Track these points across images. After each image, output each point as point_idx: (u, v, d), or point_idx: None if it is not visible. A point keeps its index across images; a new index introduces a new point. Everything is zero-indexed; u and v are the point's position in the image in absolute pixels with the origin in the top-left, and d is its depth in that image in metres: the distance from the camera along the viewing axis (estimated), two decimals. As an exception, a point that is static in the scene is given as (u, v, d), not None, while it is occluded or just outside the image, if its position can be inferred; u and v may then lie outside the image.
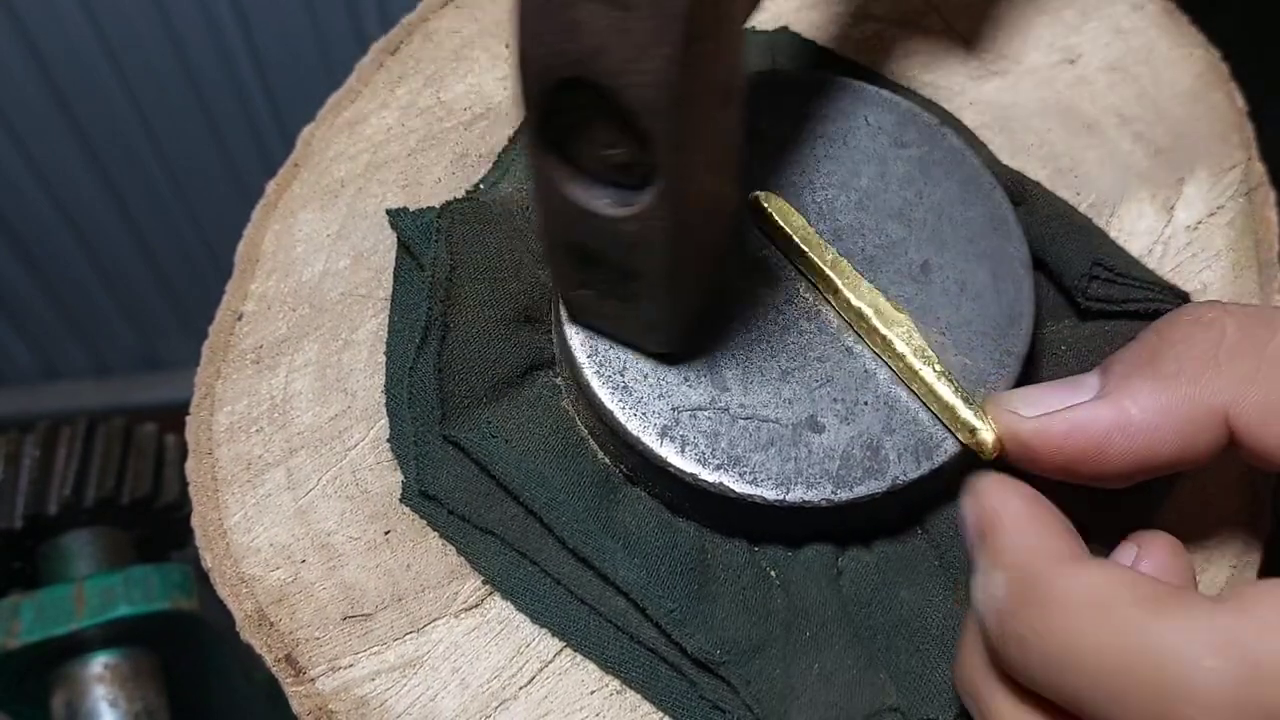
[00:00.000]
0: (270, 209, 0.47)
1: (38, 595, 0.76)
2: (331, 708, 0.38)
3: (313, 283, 0.45)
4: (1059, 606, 0.29)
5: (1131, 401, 0.34)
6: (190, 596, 0.77)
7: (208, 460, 0.42)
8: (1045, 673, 0.29)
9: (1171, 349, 0.35)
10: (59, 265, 1.31)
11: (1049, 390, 0.36)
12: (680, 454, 0.37)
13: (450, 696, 0.38)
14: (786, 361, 0.39)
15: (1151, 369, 0.34)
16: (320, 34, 1.10)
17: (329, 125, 0.49)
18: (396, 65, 0.50)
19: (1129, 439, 0.34)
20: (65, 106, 1.13)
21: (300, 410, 0.43)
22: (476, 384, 0.41)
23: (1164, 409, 0.33)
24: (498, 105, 0.49)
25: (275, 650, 0.39)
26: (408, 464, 0.41)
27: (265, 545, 0.40)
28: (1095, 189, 0.47)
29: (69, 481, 0.80)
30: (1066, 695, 0.29)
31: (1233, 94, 0.49)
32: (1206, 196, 0.46)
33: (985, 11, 0.51)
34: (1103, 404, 0.34)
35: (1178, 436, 0.33)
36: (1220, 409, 0.33)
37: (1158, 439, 0.33)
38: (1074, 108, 0.48)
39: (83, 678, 0.75)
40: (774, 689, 0.37)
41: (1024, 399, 0.36)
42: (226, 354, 0.44)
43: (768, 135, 0.43)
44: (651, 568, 0.38)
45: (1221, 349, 0.34)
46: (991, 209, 0.41)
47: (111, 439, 0.84)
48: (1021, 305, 0.40)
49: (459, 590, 0.40)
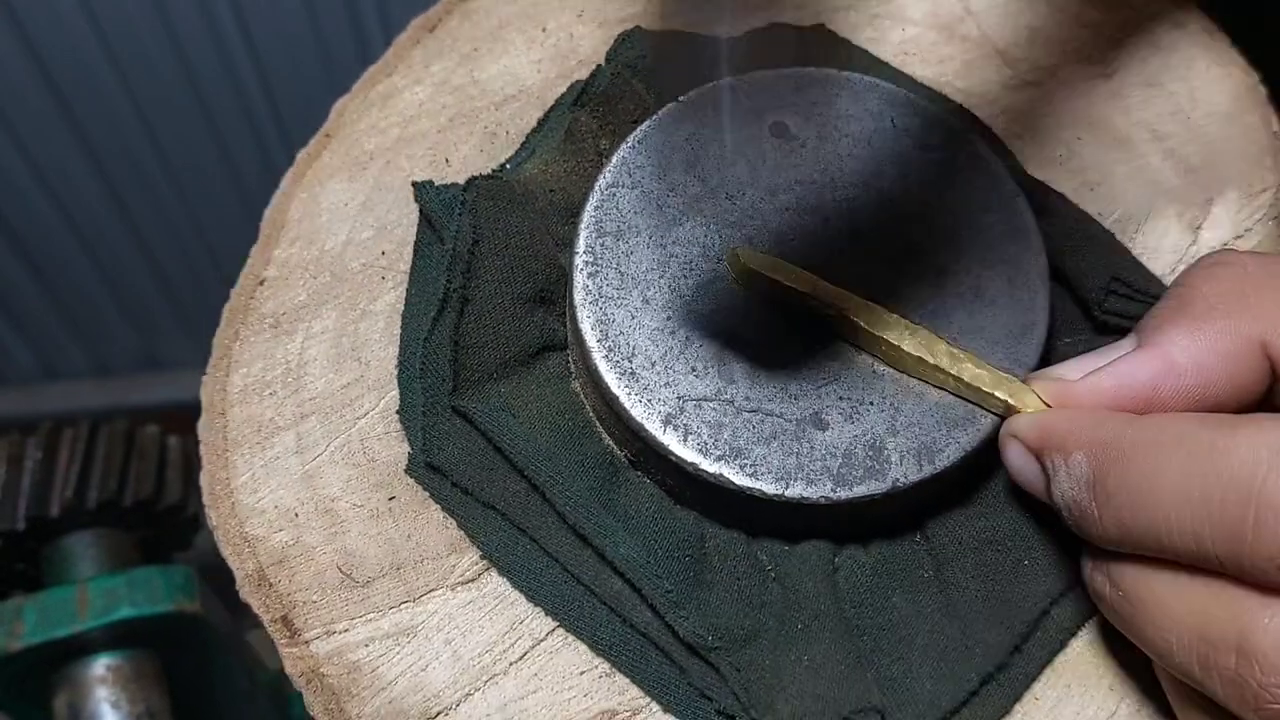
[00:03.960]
0: (299, 177, 0.47)
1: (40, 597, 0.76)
2: (324, 671, 0.38)
3: (335, 252, 0.46)
4: (1138, 451, 0.31)
5: (1172, 345, 0.34)
6: (193, 598, 0.78)
7: (220, 420, 0.42)
8: (1135, 519, 0.31)
9: (1199, 292, 0.35)
10: (59, 265, 1.31)
11: (1087, 356, 0.37)
12: (683, 443, 0.38)
13: (441, 667, 0.39)
14: (794, 357, 0.39)
15: (1184, 313, 0.35)
16: (320, 34, 1.10)
17: (362, 98, 0.49)
18: (433, 42, 0.51)
19: (1178, 381, 0.34)
20: (65, 106, 1.13)
21: (314, 376, 0.43)
22: (490, 359, 0.41)
23: (1206, 347, 0.34)
24: (530, 87, 0.49)
25: (272, 610, 0.39)
26: (414, 435, 0.41)
27: (270, 507, 0.41)
28: (1122, 204, 0.46)
29: (71, 483, 0.80)
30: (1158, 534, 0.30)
31: (1269, 117, 0.48)
32: (1235, 218, 0.46)
33: (1022, 21, 0.50)
34: (1145, 353, 0.35)
35: (1225, 372, 0.34)
36: (1258, 338, 0.33)
37: (1206, 377, 0.34)
38: (1106, 121, 0.48)
39: (85, 679, 0.76)
40: (762, 678, 0.37)
41: (1065, 367, 0.37)
42: (246, 317, 0.44)
43: (793, 133, 0.43)
44: (650, 549, 0.38)
45: (1247, 283, 0.34)
46: (1012, 217, 0.41)
47: (114, 441, 0.84)
48: (1036, 315, 0.40)
49: (457, 563, 0.40)
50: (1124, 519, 0.31)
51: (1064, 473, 0.34)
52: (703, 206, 0.41)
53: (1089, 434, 0.33)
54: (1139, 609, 0.32)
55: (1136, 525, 0.31)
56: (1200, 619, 0.30)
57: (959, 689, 0.37)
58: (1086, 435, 0.33)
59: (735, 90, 0.43)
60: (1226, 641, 0.29)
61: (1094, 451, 0.33)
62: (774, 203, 0.41)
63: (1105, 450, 0.32)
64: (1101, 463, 0.32)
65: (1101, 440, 0.33)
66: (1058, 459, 0.34)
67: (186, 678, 0.81)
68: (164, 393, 1.45)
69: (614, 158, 0.42)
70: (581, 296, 0.40)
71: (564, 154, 0.45)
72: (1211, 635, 0.30)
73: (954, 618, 0.38)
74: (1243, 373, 0.34)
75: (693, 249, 0.41)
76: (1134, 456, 0.31)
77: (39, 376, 1.48)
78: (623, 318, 0.39)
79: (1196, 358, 0.34)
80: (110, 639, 0.76)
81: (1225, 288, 0.35)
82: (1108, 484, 0.32)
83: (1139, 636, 0.33)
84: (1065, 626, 0.39)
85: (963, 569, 0.39)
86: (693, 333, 0.39)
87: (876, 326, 0.38)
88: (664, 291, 0.40)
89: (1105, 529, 0.32)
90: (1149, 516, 0.30)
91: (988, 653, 0.37)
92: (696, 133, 0.43)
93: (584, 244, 0.41)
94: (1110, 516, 0.32)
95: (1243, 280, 0.34)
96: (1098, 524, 0.32)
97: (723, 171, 0.42)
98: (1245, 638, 0.29)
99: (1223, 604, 0.30)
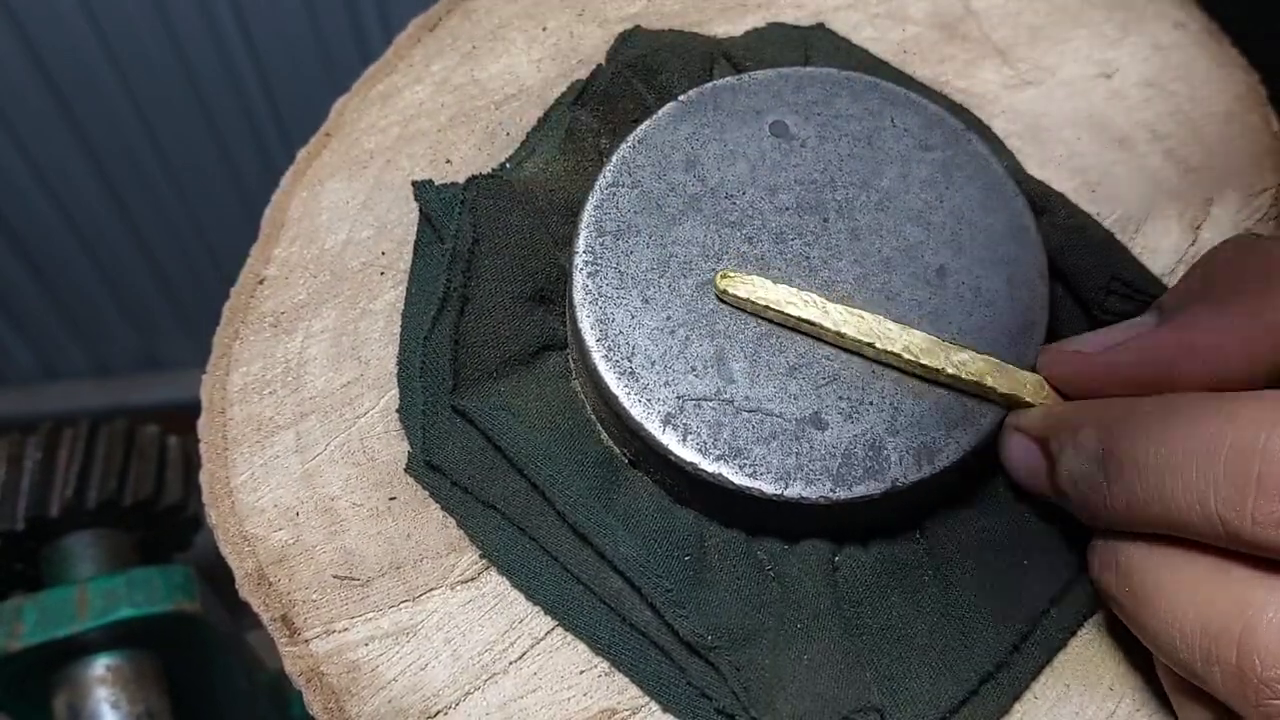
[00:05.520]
0: (299, 176, 0.47)
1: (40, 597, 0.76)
2: (323, 670, 0.38)
3: (335, 251, 0.46)
4: (1149, 420, 0.31)
5: (1194, 325, 0.34)
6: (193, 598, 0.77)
7: (219, 419, 0.43)
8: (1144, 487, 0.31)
9: (1222, 273, 0.35)
10: (59, 265, 1.31)
11: (1106, 331, 0.37)
12: (682, 443, 0.38)
13: (441, 667, 0.39)
14: (794, 357, 0.39)
15: (1207, 294, 0.35)
16: (320, 34, 1.10)
17: (362, 97, 0.49)
18: (434, 41, 0.51)
19: (1197, 362, 0.34)
20: (65, 106, 1.13)
21: (314, 375, 0.43)
22: (490, 358, 0.41)
23: (1226, 328, 0.34)
24: (530, 87, 0.49)
25: (272, 609, 0.39)
26: (414, 434, 0.41)
27: (270, 506, 0.41)
28: (1122, 204, 0.46)
29: (71, 483, 0.80)
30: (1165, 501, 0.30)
31: (1269, 118, 0.48)
32: (1235, 218, 0.46)
33: (1023, 21, 0.50)
34: (1165, 330, 0.35)
35: (1244, 356, 0.33)
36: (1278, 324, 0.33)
37: (1224, 359, 0.33)
38: (1106, 121, 0.48)
39: (85, 680, 0.76)
40: (762, 678, 0.37)
41: (1083, 340, 0.37)
42: (246, 316, 0.45)
43: (793, 133, 0.43)
44: (650, 548, 0.38)
45: (1272, 268, 0.34)
46: (1012, 217, 0.41)
47: (113, 441, 0.84)
48: (1035, 315, 0.40)
49: (457, 562, 0.40)
50: (1133, 490, 0.31)
51: (1071, 451, 0.34)
52: (702, 206, 0.41)
53: (1099, 411, 0.34)
54: (1143, 600, 0.32)
55: (1145, 493, 0.31)
56: (1204, 610, 0.30)
57: (958, 688, 0.37)
58: (1096, 413, 0.34)
59: (735, 90, 0.43)
60: (1229, 634, 0.29)
61: (1105, 425, 0.33)
62: (774, 202, 0.41)
63: (1116, 422, 0.32)
64: (1112, 434, 0.32)
65: (1112, 415, 0.33)
66: (1065, 438, 0.34)
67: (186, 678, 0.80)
68: (164, 393, 1.45)
69: (614, 157, 0.42)
70: (581, 296, 0.40)
71: (564, 153, 0.45)
72: (1214, 628, 0.30)
73: (953, 617, 0.38)
74: (1262, 357, 0.33)
75: (692, 249, 0.41)
76: (1145, 425, 0.31)
77: (39, 376, 1.47)
78: (622, 317, 0.39)
79: (1216, 339, 0.34)
80: (110, 639, 0.76)
81: (1249, 270, 0.34)
82: (1117, 453, 0.32)
83: (1142, 629, 0.33)
84: (1065, 626, 0.39)
85: (962, 568, 0.39)
86: (692, 332, 0.39)
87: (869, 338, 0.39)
88: (663, 291, 0.40)
89: (1114, 503, 0.32)
90: (1157, 483, 0.30)
91: (987, 652, 0.37)
92: (696, 132, 0.43)
93: (584, 243, 0.41)
94: (1119, 489, 0.32)
95: (1267, 265, 0.34)
96: (1106, 499, 0.32)
97: (722, 171, 0.42)
98: (1248, 631, 0.29)
99: (1227, 592, 0.30)
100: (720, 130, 0.43)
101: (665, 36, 0.48)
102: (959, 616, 0.38)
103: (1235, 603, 0.29)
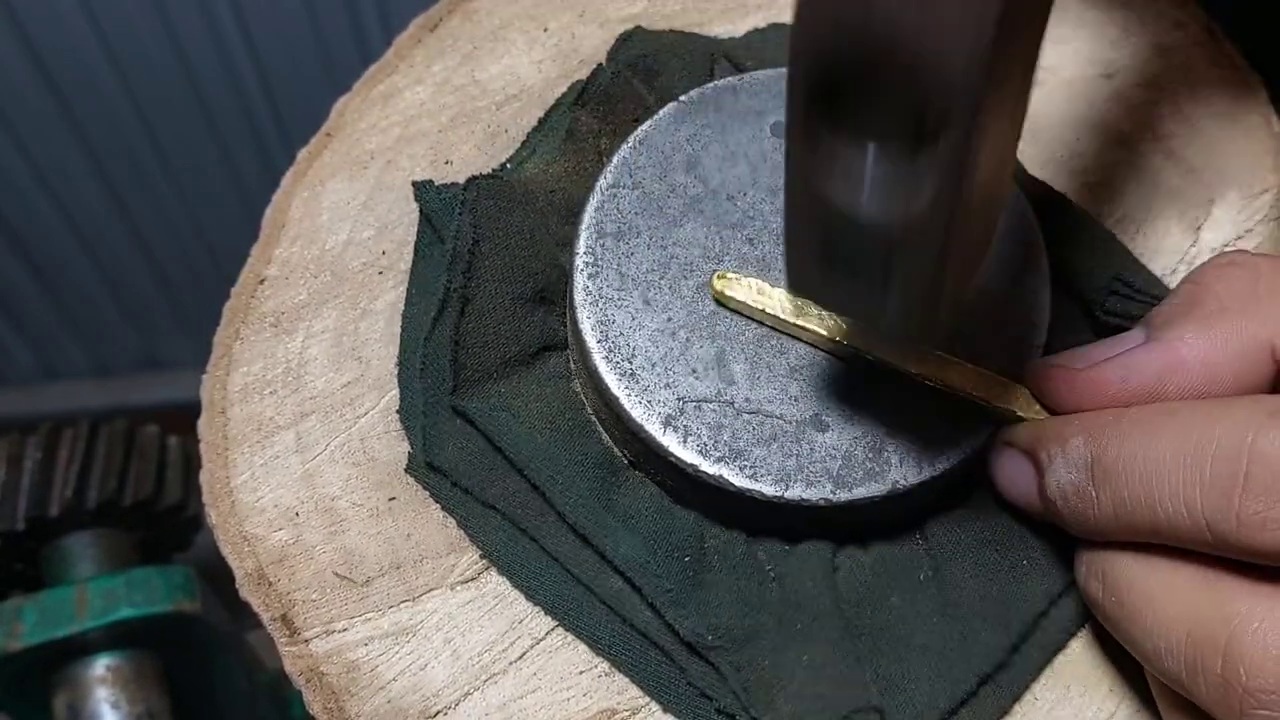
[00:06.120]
0: (300, 176, 0.47)
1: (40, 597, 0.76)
2: (323, 669, 0.38)
3: (336, 251, 0.46)
4: (1137, 426, 0.32)
5: (1181, 342, 0.34)
6: (193, 598, 0.78)
7: (220, 419, 0.43)
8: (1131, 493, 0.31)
9: (1211, 290, 0.35)
10: (59, 265, 1.31)
11: (1095, 346, 0.37)
12: (682, 444, 0.38)
13: (441, 667, 0.39)
14: (795, 359, 0.39)
15: (1195, 311, 0.35)
16: (320, 34, 1.10)
17: (363, 97, 0.49)
18: (435, 41, 0.51)
19: (1184, 378, 0.34)
20: (65, 106, 1.13)
21: (314, 375, 0.43)
22: (490, 358, 0.41)
23: (1214, 346, 0.34)
24: (531, 87, 0.49)
25: (272, 609, 0.39)
26: (414, 434, 0.41)
27: (270, 506, 0.41)
28: (1123, 204, 0.46)
29: (71, 483, 0.80)
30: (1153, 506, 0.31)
31: (1270, 118, 0.48)
32: (1235, 219, 0.46)
33: (1024, 21, 0.50)
34: (1153, 347, 0.35)
35: (1232, 372, 0.33)
36: (1267, 341, 0.33)
37: (1212, 376, 0.34)
38: (1108, 122, 0.48)
39: (85, 680, 0.76)
40: (762, 678, 0.37)
41: (1071, 356, 0.37)
42: (246, 316, 0.45)
43: (794, 131, 0.43)
44: (650, 549, 0.38)
45: (1260, 285, 0.34)
46: (1012, 217, 0.41)
47: (113, 441, 0.84)
48: (1037, 315, 0.40)
49: (457, 563, 0.40)
50: (1120, 496, 0.32)
51: (1061, 460, 0.34)
52: (703, 207, 0.41)
53: (1088, 421, 0.34)
54: (1129, 610, 0.32)
55: (1132, 499, 0.31)
56: (1190, 620, 0.30)
57: (957, 689, 0.37)
58: (1086, 423, 0.34)
59: (735, 90, 0.43)
60: (1214, 644, 0.29)
61: (1093, 434, 0.33)
62: (774, 203, 0.41)
63: (1104, 429, 0.33)
64: (1100, 441, 0.33)
65: (1101, 424, 0.33)
66: (1054, 449, 0.35)
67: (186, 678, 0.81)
68: (164, 393, 1.45)
69: (615, 158, 0.42)
70: (582, 297, 0.40)
71: (565, 154, 0.45)
72: (1200, 638, 0.30)
73: (953, 618, 0.38)
74: (1249, 374, 0.33)
75: (693, 250, 0.41)
76: (1132, 432, 0.32)
77: (39, 376, 1.47)
78: (623, 319, 0.39)
79: (1205, 356, 0.34)
80: (110, 639, 0.76)
81: (1238, 288, 0.34)
82: (1105, 460, 0.32)
83: (1129, 639, 0.33)
84: (1064, 627, 0.39)
85: (961, 569, 0.39)
86: (693, 334, 0.39)
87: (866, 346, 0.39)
88: (664, 292, 0.40)
89: (1101, 511, 0.32)
90: (1144, 488, 0.31)
91: (986, 653, 0.37)
92: (697, 133, 0.43)
93: (584, 245, 0.41)
94: (1107, 496, 0.32)
95: (1255, 281, 0.34)
96: (1094, 506, 0.33)
97: (723, 172, 0.42)
98: (1233, 641, 0.29)
99: (1212, 602, 0.30)
100: (721, 131, 0.43)
101: (666, 37, 0.48)
102: (959, 617, 0.38)
103: (1221, 612, 0.30)
